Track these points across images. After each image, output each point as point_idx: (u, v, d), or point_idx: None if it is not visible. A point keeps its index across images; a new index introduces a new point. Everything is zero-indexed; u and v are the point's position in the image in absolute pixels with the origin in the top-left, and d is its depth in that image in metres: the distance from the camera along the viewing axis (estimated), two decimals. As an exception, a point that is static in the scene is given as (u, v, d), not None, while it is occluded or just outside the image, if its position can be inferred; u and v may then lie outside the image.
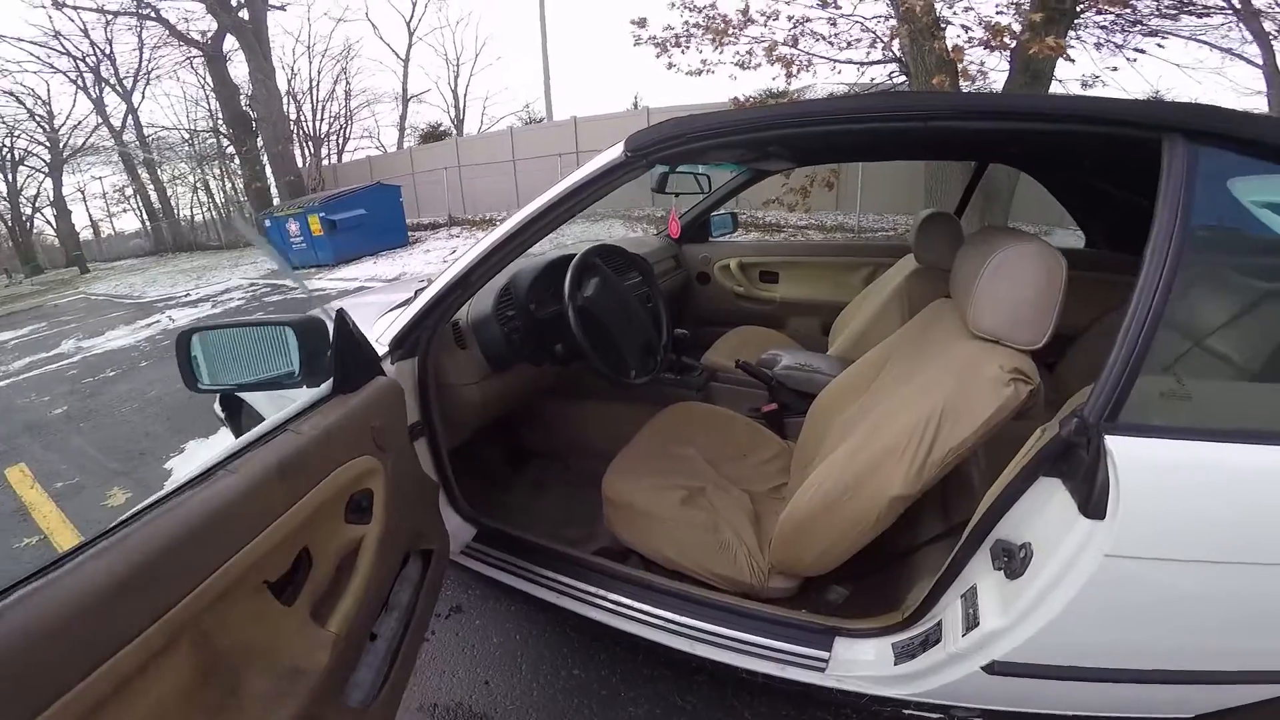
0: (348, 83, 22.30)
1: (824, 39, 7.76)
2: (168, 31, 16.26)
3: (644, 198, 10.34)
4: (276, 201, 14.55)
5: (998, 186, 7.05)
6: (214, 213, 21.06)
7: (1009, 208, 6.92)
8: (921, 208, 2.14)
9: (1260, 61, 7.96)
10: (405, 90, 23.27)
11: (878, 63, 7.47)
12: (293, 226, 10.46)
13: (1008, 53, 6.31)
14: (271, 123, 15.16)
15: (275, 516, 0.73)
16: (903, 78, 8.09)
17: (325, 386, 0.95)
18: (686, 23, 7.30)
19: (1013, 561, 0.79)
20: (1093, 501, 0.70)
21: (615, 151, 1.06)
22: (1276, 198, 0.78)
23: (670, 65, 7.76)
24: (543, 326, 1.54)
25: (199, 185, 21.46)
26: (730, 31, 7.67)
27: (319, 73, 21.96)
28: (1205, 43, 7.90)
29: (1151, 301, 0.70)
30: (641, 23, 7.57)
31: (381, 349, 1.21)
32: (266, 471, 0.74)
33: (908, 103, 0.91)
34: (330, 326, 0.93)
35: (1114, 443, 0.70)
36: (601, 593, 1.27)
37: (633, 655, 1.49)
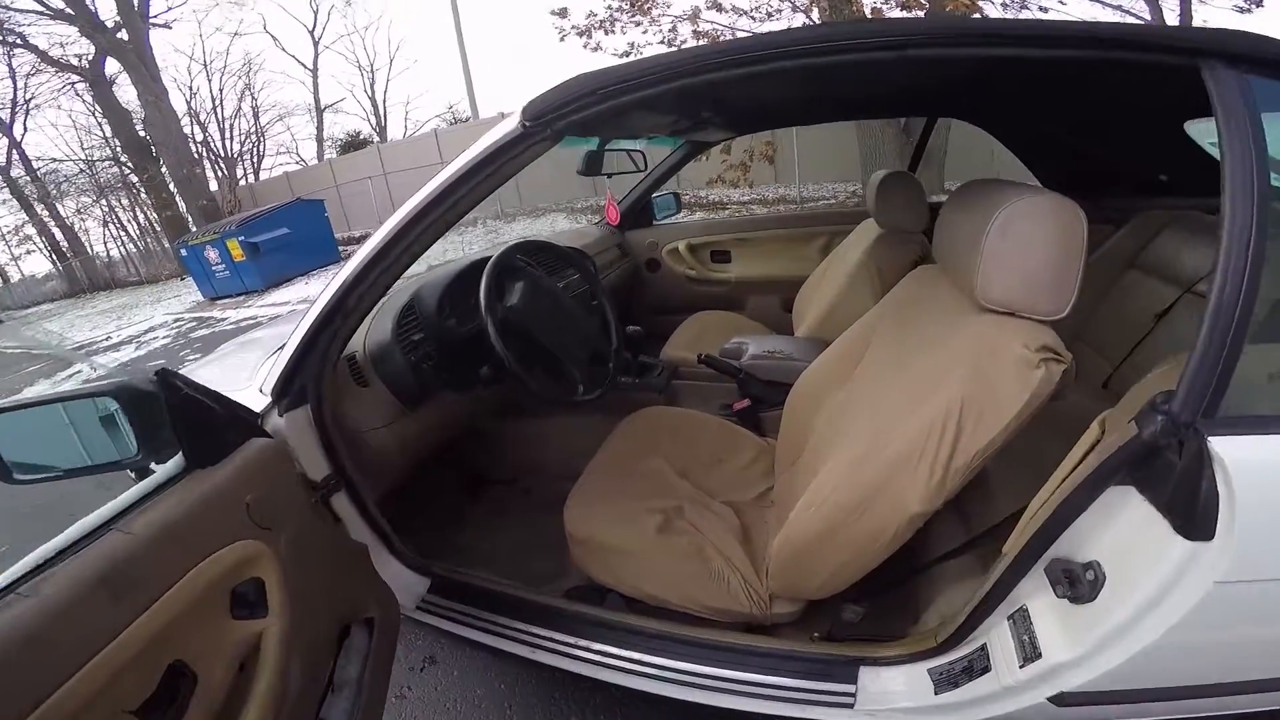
0: (254, 99, 21.06)
1: (745, 13, 7.67)
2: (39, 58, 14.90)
3: (588, 186, 10.08)
4: (194, 229, 13.62)
5: (931, 147, 7.10)
6: (131, 246, 19.61)
7: (943, 169, 7.00)
8: (859, 174, 2.03)
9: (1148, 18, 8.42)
10: (318, 101, 22.23)
11: (801, 30, 7.47)
12: (212, 254, 9.74)
13: (923, 14, 6.35)
14: (172, 145, 14.30)
15: (110, 637, 0.58)
16: None
17: (173, 464, 0.73)
18: (610, 6, 7.07)
19: (1078, 586, 0.64)
20: (1197, 519, 0.55)
21: (510, 123, 0.85)
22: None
23: (597, 49, 7.52)
24: (463, 347, 1.31)
25: (109, 218, 19.92)
26: (651, 11, 7.47)
27: (221, 91, 20.60)
28: (1101, 2, 8.34)
29: (1246, 259, 0.55)
30: (562, 13, 7.28)
31: (265, 400, 0.98)
32: (81, 589, 0.57)
33: (878, 28, 0.73)
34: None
35: (1220, 445, 0.55)
36: (582, 643, 1.10)
37: (633, 698, 1.32)
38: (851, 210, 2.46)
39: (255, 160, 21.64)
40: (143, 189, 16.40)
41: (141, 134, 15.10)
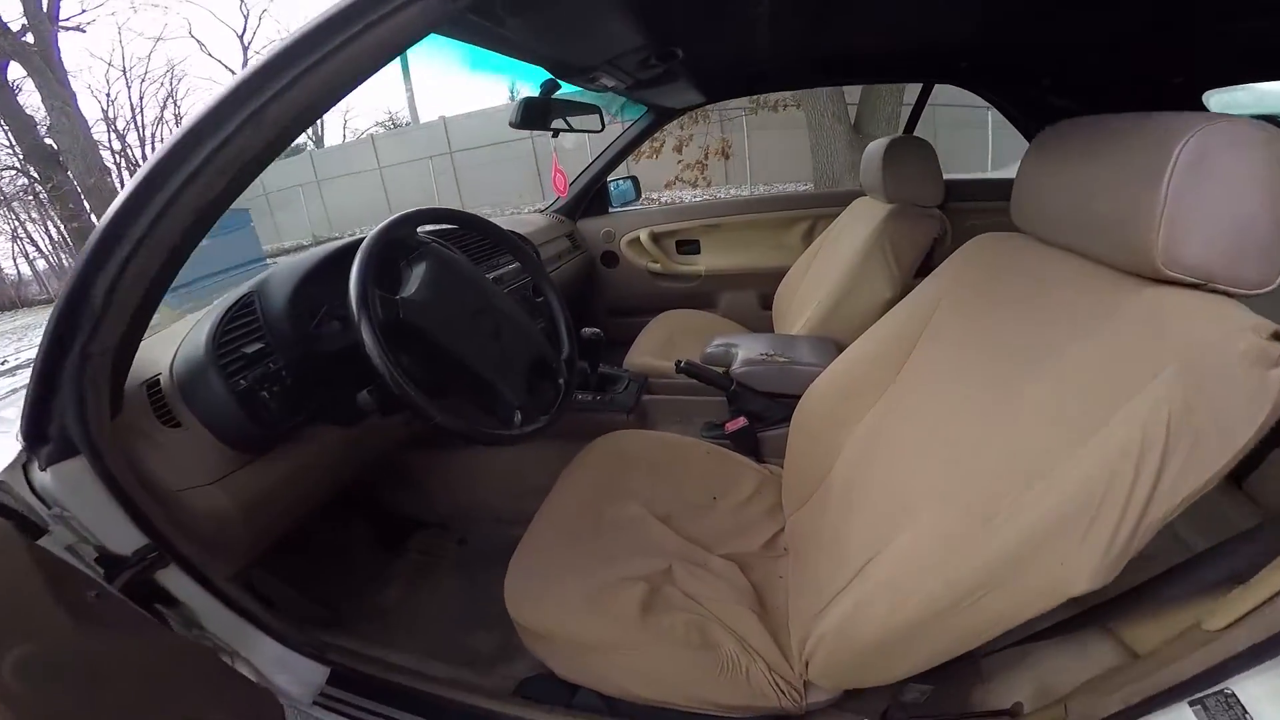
0: (176, 106, 19.71)
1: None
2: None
3: (539, 187, 9.63)
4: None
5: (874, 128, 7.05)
6: (42, 262, 17.90)
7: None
8: (811, 174, 1.76)
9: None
10: None
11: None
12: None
13: None
14: (80, 154, 13.17)
15: None
16: None
17: None
18: None
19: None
20: None
21: None
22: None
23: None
24: (334, 363, 0.90)
25: (18, 232, 18.15)
26: None
27: (141, 98, 19.17)
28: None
29: None
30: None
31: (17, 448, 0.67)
32: None
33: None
34: None
35: None
36: None
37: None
38: (838, 192, 2.16)
39: None
40: (48, 199, 15.09)
41: (48, 141, 13.94)
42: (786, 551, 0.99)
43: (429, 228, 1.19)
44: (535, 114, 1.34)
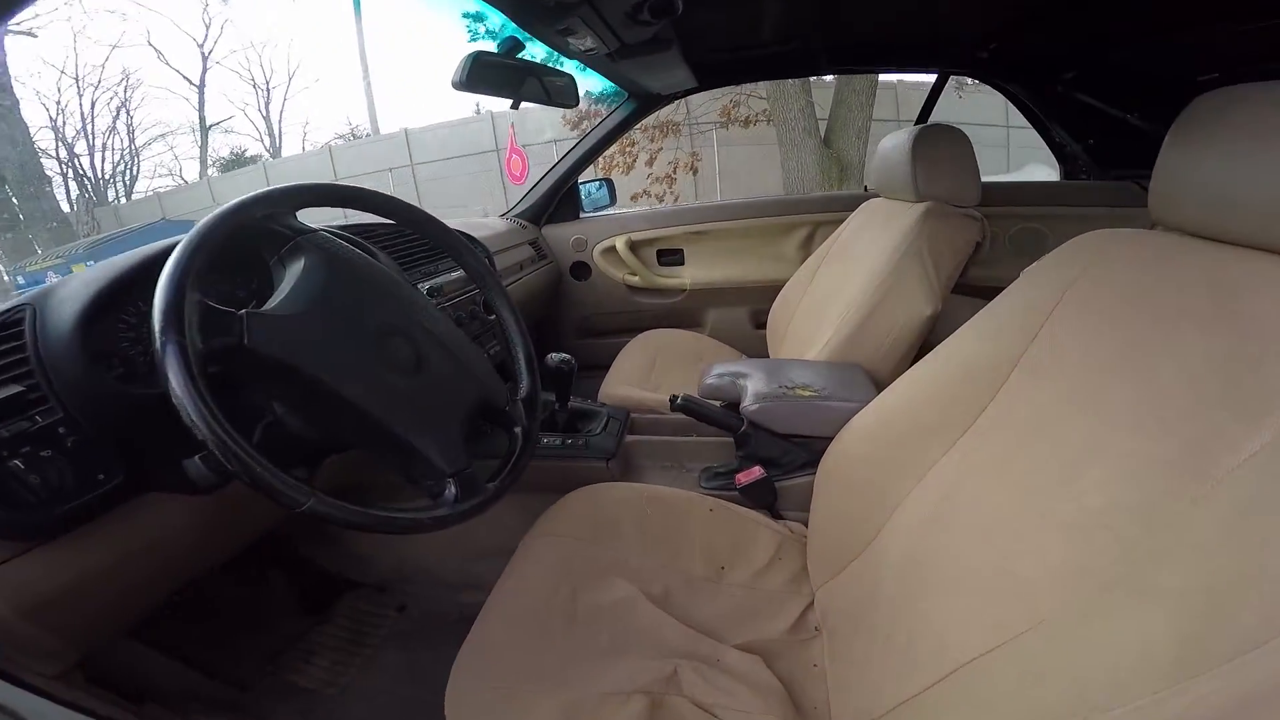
0: (129, 115, 18.80)
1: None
2: None
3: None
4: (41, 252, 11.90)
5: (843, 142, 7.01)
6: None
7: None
8: (781, 189, 1.55)
9: None
10: (202, 118, 20.22)
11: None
12: (54, 280, 8.15)
13: None
14: (18, 163, 12.53)
15: None
16: None
17: None
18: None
19: None
20: None
21: None
22: None
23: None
24: (151, 413, 0.58)
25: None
26: None
27: (93, 105, 18.23)
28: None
29: None
30: (478, 18, 6.68)
31: None
32: None
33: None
34: None
35: None
36: None
37: None
38: (843, 194, 1.93)
39: (129, 180, 19.42)
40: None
41: None
42: (819, 632, 0.79)
43: (338, 222, 0.89)
44: (489, 74, 1.05)
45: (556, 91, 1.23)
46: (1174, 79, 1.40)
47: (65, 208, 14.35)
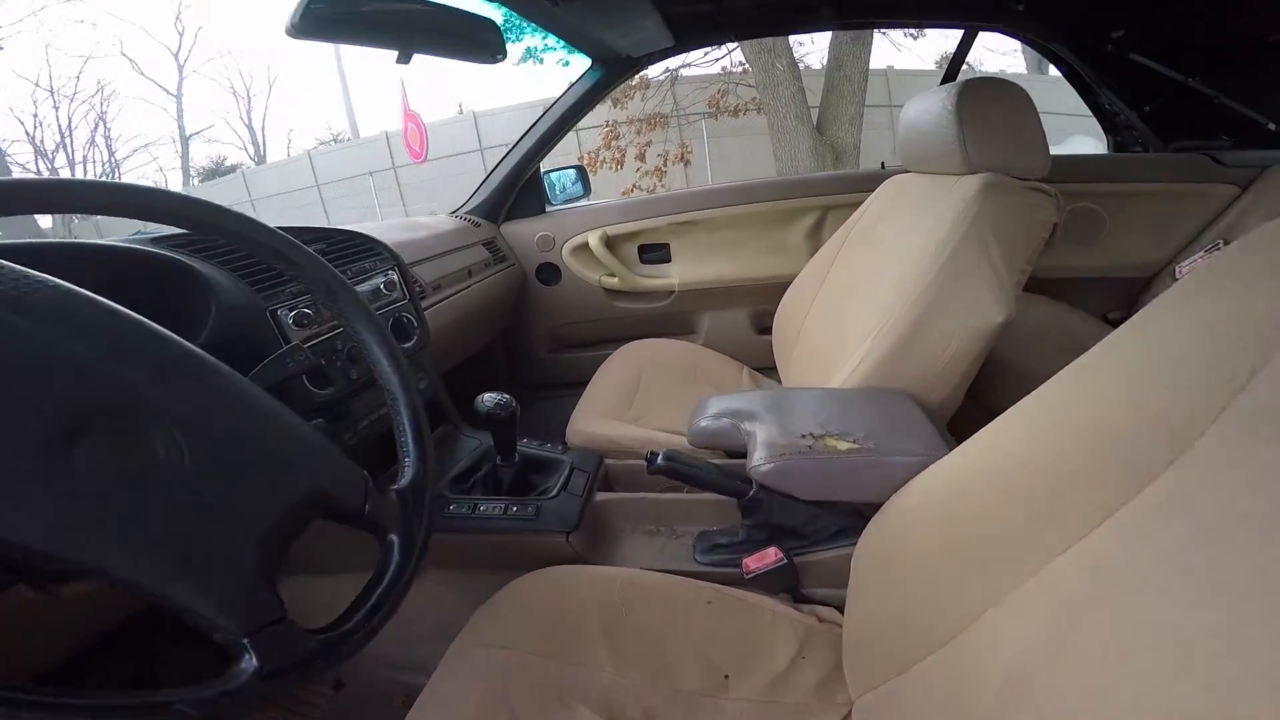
0: (105, 127, 18.52)
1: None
2: None
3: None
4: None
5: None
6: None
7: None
8: (774, 167, 1.31)
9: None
10: (182, 128, 19.93)
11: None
12: None
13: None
14: None
15: None
16: (734, 43, 7.71)
17: None
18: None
19: None
20: None
21: None
22: None
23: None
24: None
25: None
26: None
27: (70, 118, 17.91)
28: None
29: None
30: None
31: None
32: None
33: None
34: None
35: None
36: None
37: None
38: (858, 173, 1.63)
39: None
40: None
41: None
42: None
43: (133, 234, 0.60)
44: (350, 16, 0.75)
45: (466, 41, 0.91)
46: (1239, 37, 1.27)
47: (45, 223, 14.12)
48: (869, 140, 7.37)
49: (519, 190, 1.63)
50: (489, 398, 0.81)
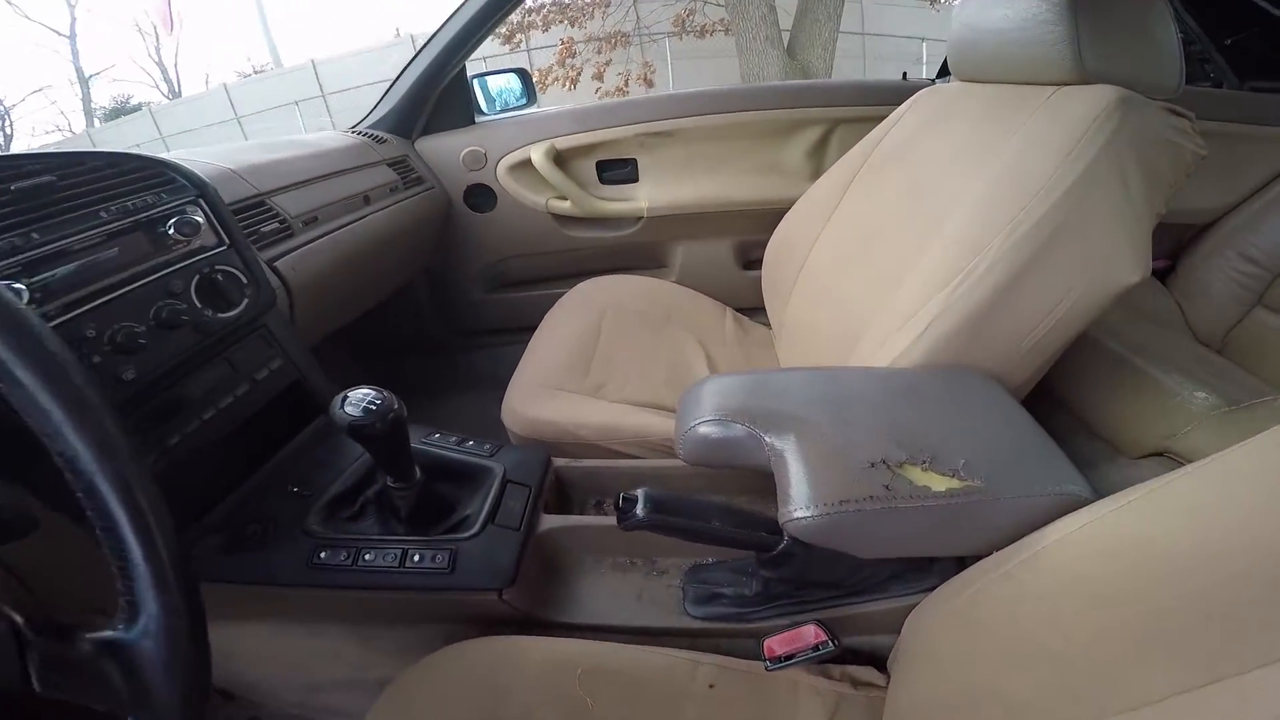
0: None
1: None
2: None
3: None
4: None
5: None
6: None
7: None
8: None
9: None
10: (79, 69, 17.92)
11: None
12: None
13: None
14: None
15: None
16: None
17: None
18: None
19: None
20: None
21: None
22: None
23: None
24: None
25: None
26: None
27: None
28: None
29: None
30: None
31: None
32: None
33: None
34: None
35: None
36: None
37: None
38: (879, 83, 1.31)
39: (3, 139, 17.26)
40: None
41: None
42: None
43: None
44: None
45: None
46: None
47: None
48: (839, 68, 7.01)
49: (438, 98, 1.25)
50: (355, 399, 0.51)
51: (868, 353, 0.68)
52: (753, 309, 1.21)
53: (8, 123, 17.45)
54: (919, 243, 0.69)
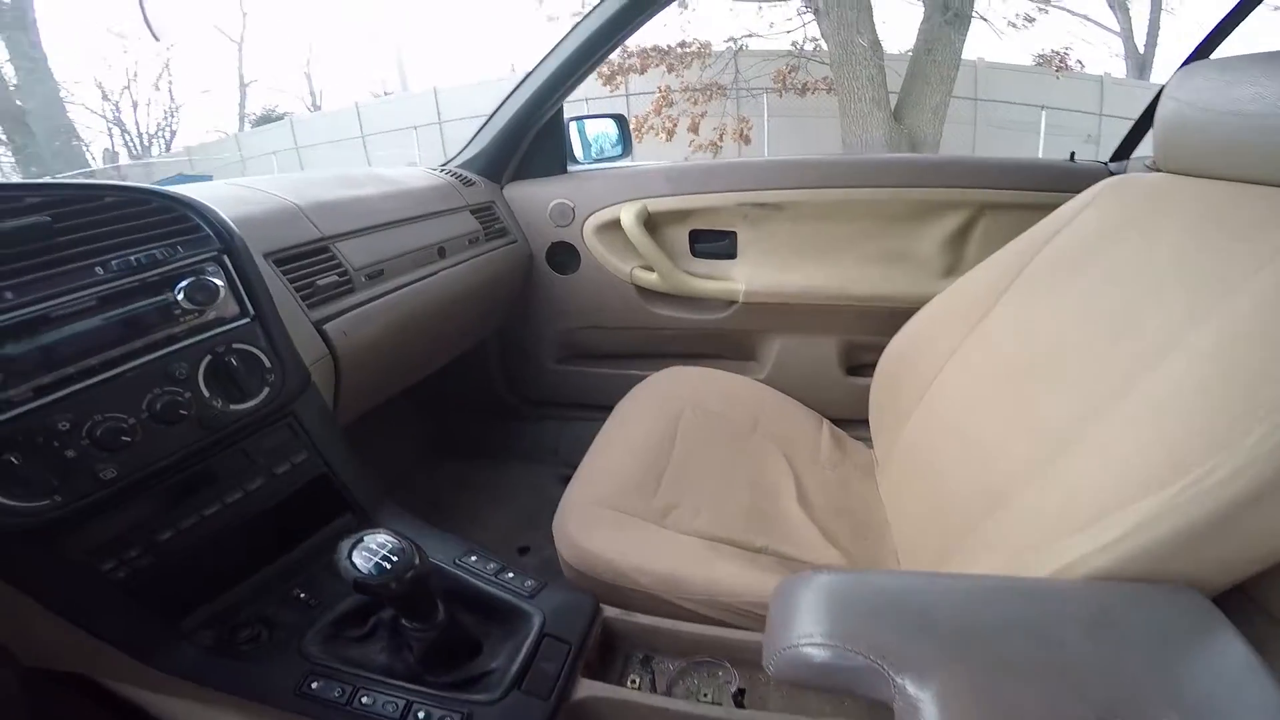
0: (168, 72, 19.06)
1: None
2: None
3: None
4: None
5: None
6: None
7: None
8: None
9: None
10: (241, 75, 20.40)
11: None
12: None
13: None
14: (45, 115, 12.59)
15: None
16: (811, 16, 7.06)
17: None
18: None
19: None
20: None
21: None
22: None
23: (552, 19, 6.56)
24: None
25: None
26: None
27: (136, 63, 18.48)
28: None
29: None
30: None
31: None
32: None
33: None
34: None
35: None
36: None
37: None
38: (1050, 163, 1.12)
39: (169, 135, 19.79)
40: (15, 163, 14.43)
41: (17, 103, 13.23)
42: None
43: None
44: None
45: None
46: None
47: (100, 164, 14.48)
48: (948, 134, 6.75)
49: (532, 139, 1.18)
50: (369, 548, 0.40)
51: (1017, 540, 0.50)
52: (852, 421, 1.03)
53: (175, 118, 19.96)
54: (1108, 394, 0.51)
